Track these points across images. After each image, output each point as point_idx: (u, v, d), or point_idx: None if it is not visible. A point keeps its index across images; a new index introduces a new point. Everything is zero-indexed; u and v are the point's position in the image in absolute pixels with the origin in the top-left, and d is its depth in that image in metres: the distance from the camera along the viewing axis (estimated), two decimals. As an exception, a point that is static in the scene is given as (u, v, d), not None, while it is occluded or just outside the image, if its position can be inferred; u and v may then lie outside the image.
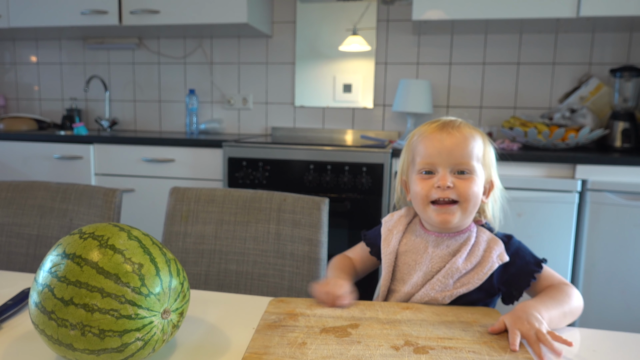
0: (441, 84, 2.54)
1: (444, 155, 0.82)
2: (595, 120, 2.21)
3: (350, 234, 2.04)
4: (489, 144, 0.88)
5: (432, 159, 0.83)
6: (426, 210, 0.84)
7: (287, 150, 2.07)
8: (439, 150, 0.82)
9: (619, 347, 0.70)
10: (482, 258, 0.82)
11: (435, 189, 0.82)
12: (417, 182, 0.85)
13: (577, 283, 1.91)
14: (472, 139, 0.83)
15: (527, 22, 2.17)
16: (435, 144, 0.83)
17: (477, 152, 0.83)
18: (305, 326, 0.71)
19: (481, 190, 0.84)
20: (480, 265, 0.82)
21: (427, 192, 0.83)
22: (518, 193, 1.89)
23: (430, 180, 0.83)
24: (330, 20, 2.61)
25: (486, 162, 0.85)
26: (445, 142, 0.82)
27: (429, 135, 0.84)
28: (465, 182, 0.81)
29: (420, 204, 0.85)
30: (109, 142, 2.30)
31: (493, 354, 0.63)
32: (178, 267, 0.64)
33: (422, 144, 0.85)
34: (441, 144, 0.82)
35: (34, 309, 0.59)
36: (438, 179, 0.82)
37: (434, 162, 0.83)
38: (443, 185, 0.81)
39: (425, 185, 0.83)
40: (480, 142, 0.85)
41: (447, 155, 0.82)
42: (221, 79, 2.79)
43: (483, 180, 0.85)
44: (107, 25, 2.45)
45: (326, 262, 1.17)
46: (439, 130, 0.84)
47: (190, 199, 1.25)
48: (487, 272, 0.81)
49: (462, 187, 0.81)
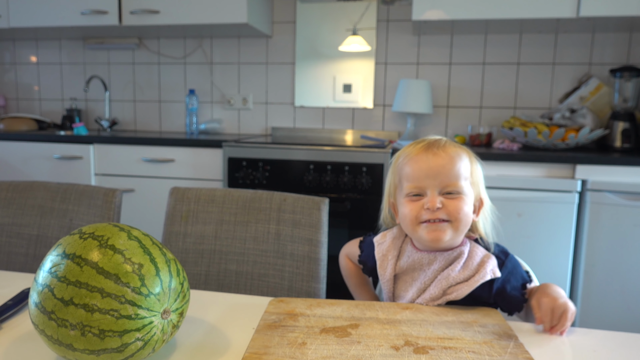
0: (441, 84, 2.53)
1: (431, 177, 0.81)
2: (595, 121, 2.21)
3: (351, 234, 2.04)
4: (476, 162, 0.87)
5: (419, 182, 0.82)
6: (417, 231, 0.83)
7: (287, 150, 2.07)
8: (426, 172, 0.81)
9: (619, 347, 0.70)
10: (476, 270, 0.82)
11: (425, 211, 0.81)
12: (405, 205, 0.84)
13: (577, 283, 1.91)
14: (458, 158, 0.83)
15: (527, 22, 2.17)
16: (421, 166, 0.82)
17: (464, 172, 0.83)
18: (305, 326, 0.71)
19: (471, 209, 0.83)
20: (473, 278, 0.81)
21: (416, 214, 0.82)
22: (518, 193, 1.89)
23: (419, 202, 0.82)
24: (330, 20, 2.61)
25: (474, 180, 0.85)
26: (431, 164, 0.81)
27: (415, 157, 0.84)
28: (454, 202, 0.81)
29: (409, 225, 0.84)
30: (109, 142, 2.30)
31: (493, 354, 0.63)
32: (178, 267, 0.64)
33: (409, 166, 0.84)
34: (427, 166, 0.81)
35: (34, 309, 0.59)
36: (427, 201, 0.81)
37: (421, 185, 0.82)
38: (432, 207, 0.80)
39: (415, 207, 0.82)
40: (466, 160, 0.84)
41: (434, 177, 0.81)
42: (221, 79, 2.79)
43: (472, 198, 0.84)
44: (107, 25, 2.45)
45: (326, 262, 1.17)
46: (424, 151, 0.83)
47: (190, 199, 1.25)
48: (478, 280, 0.80)
49: (452, 206, 0.80)
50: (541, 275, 0.88)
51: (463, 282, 0.81)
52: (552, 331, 0.73)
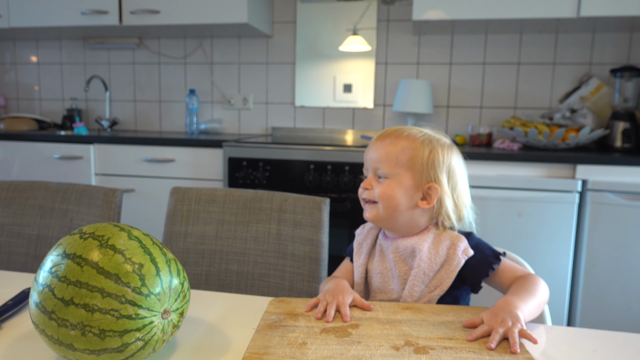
0: (441, 84, 2.53)
1: (368, 161, 0.92)
2: (596, 120, 2.21)
3: (351, 234, 2.04)
4: (433, 151, 0.89)
5: (365, 165, 0.94)
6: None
7: (287, 150, 2.07)
8: (366, 157, 0.93)
9: (619, 347, 0.70)
10: (447, 256, 0.86)
11: (361, 190, 0.93)
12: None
13: (577, 283, 1.91)
14: (392, 145, 0.89)
15: (527, 22, 2.17)
16: (368, 151, 0.94)
17: (397, 158, 0.89)
18: (305, 326, 0.71)
19: (398, 192, 0.88)
20: (447, 264, 0.86)
21: (360, 192, 0.94)
22: (518, 193, 1.89)
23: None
24: (330, 20, 2.61)
25: (416, 166, 0.88)
26: (370, 150, 0.93)
27: (371, 142, 0.95)
28: (381, 186, 0.89)
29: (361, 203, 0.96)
30: (109, 142, 2.30)
31: (493, 354, 0.63)
32: (178, 267, 0.64)
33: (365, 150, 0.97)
34: (368, 152, 0.93)
35: (34, 309, 0.59)
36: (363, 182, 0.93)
37: (366, 167, 0.94)
38: (363, 185, 0.92)
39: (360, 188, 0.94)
40: (407, 149, 0.88)
41: (369, 162, 0.92)
42: (221, 79, 2.79)
43: (406, 184, 0.88)
44: (108, 25, 2.45)
45: (327, 263, 1.17)
46: (376, 139, 0.93)
47: (191, 199, 1.25)
48: (455, 270, 0.85)
49: (378, 189, 0.90)
50: (541, 275, 0.87)
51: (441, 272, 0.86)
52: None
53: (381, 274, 0.92)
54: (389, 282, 0.91)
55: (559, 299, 1.92)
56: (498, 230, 1.92)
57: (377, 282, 0.93)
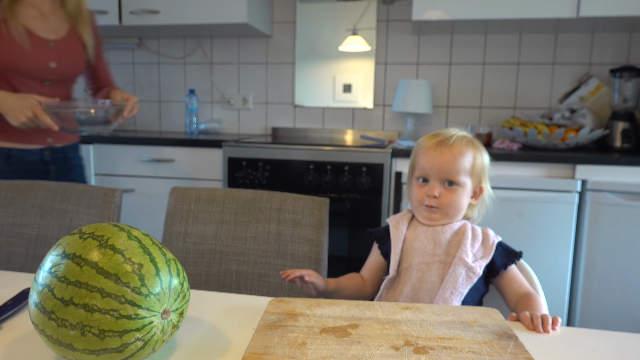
0: (441, 84, 2.54)
1: (435, 170, 1.01)
2: (595, 121, 2.21)
3: (350, 234, 2.04)
4: (481, 154, 1.03)
5: (426, 172, 1.02)
6: (419, 209, 1.05)
7: (287, 150, 2.07)
8: (432, 165, 1.01)
9: (619, 347, 0.70)
10: (484, 235, 1.01)
11: (427, 196, 1.01)
12: (414, 187, 1.05)
13: (577, 283, 1.91)
14: (460, 156, 1.00)
15: (527, 22, 2.17)
16: (429, 160, 1.01)
17: (465, 167, 1.00)
18: (305, 326, 0.71)
19: (464, 198, 1.02)
20: (485, 241, 1.00)
21: (421, 197, 1.03)
22: (518, 193, 1.89)
23: (424, 188, 1.03)
24: (330, 20, 2.61)
25: (475, 172, 1.02)
26: (437, 160, 1.00)
27: (427, 150, 1.02)
28: (450, 194, 1.00)
29: (414, 203, 1.05)
30: (108, 142, 2.30)
31: (493, 354, 0.63)
32: (178, 267, 0.64)
33: (420, 157, 1.04)
34: (434, 161, 1.00)
35: (33, 309, 0.59)
36: (429, 188, 1.01)
37: (427, 174, 1.02)
38: (431, 194, 1.00)
39: (421, 191, 1.03)
40: (469, 157, 1.01)
41: (437, 171, 1.00)
42: (221, 79, 2.79)
43: (469, 189, 1.03)
44: (107, 25, 2.45)
45: (327, 263, 1.17)
46: (433, 148, 1.01)
47: (190, 199, 1.25)
48: (492, 247, 0.98)
49: (447, 197, 1.00)
50: (541, 275, 0.89)
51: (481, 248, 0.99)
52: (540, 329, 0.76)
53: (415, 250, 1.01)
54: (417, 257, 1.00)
55: (558, 299, 1.92)
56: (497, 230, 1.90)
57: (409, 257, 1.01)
